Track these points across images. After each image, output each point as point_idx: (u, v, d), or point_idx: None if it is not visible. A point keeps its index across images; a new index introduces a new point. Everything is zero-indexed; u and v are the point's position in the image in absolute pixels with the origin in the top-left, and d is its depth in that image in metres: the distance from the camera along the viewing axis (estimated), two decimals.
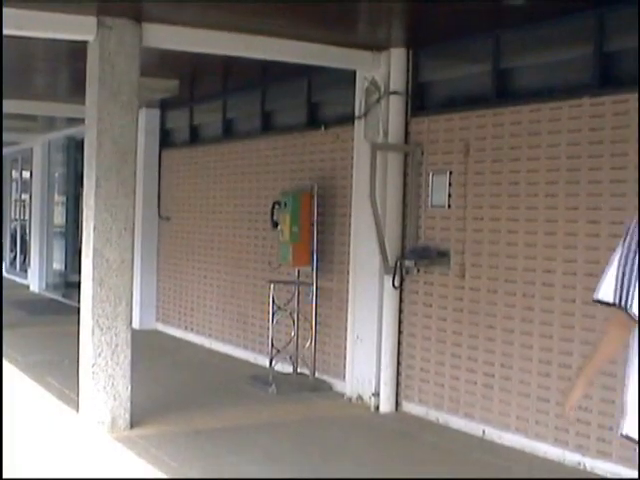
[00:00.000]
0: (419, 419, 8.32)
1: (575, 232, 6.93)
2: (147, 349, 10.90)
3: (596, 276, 6.66)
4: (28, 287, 19.89)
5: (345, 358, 9.20)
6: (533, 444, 7.24)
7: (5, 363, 10.27)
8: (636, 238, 3.68)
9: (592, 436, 6.78)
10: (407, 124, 8.59)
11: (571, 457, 6.91)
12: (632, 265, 3.64)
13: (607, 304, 3.72)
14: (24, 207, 22.58)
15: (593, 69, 6.92)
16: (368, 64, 8.63)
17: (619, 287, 3.66)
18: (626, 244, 3.73)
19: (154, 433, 7.58)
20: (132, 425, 7.65)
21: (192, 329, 12.72)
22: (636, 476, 4.13)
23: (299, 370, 9.90)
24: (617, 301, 3.66)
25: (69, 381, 8.43)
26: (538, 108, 7.29)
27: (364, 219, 8.60)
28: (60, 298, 17.85)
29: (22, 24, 7.23)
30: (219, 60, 9.04)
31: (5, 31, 7.15)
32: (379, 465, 6.90)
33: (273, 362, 9.71)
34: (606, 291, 3.72)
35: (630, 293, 3.61)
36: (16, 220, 23.39)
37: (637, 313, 3.60)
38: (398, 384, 8.64)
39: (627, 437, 3.78)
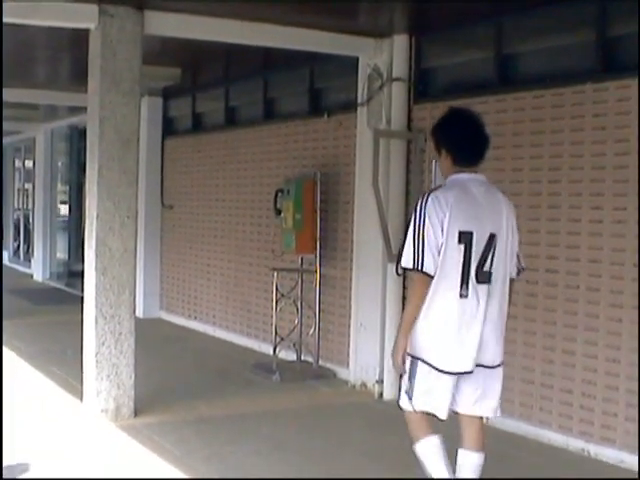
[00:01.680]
0: None
1: (578, 218, 6.91)
2: (151, 338, 10.91)
3: (600, 262, 6.74)
4: (32, 276, 19.89)
5: (349, 345, 9.21)
6: (537, 431, 7.24)
7: (9, 352, 10.30)
8: (421, 215, 4.72)
9: (596, 423, 6.78)
10: (410, 111, 8.58)
11: (575, 444, 6.91)
12: (421, 237, 4.70)
13: (409, 269, 4.79)
14: (27, 196, 22.59)
15: (596, 55, 6.90)
16: (371, 51, 8.61)
17: (415, 255, 4.72)
18: (416, 221, 4.74)
19: (158, 421, 7.59)
20: (136, 413, 7.66)
21: (196, 317, 12.73)
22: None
23: (303, 358, 9.90)
24: (416, 266, 4.72)
25: (73, 370, 8.43)
26: (541, 94, 7.27)
27: (367, 206, 8.58)
28: (64, 287, 17.87)
29: (23, 12, 7.21)
30: (221, 48, 9.02)
31: (6, 19, 7.13)
32: (383, 452, 6.90)
33: (277, 350, 9.72)
34: (407, 260, 4.77)
35: (423, 258, 4.69)
36: (19, 209, 23.39)
37: (430, 272, 4.70)
38: None
39: (412, 355, 4.89)
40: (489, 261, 4.80)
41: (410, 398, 5.05)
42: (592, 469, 6.58)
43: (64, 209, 19.43)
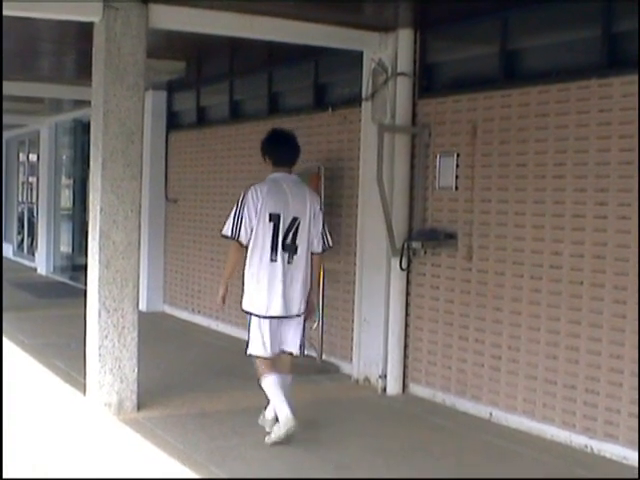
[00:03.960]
0: (426, 401, 8.32)
1: (583, 214, 6.90)
2: (154, 331, 10.91)
3: (604, 258, 6.72)
4: (35, 270, 19.91)
5: (352, 340, 9.20)
6: (540, 426, 7.24)
7: (12, 345, 10.32)
8: (242, 201, 6.74)
9: (599, 419, 6.77)
10: (414, 105, 8.56)
11: (578, 440, 6.91)
12: (240, 217, 6.72)
13: (228, 237, 6.78)
14: (31, 190, 22.59)
15: (601, 50, 6.87)
16: (375, 45, 8.59)
17: (233, 227, 6.74)
18: (238, 204, 6.75)
19: (161, 415, 7.59)
20: (139, 407, 7.66)
21: (199, 311, 12.72)
22: None
23: (306, 352, 9.88)
24: (233, 236, 6.76)
25: (76, 363, 8.45)
26: (546, 89, 7.25)
27: (371, 201, 8.58)
28: (67, 281, 17.88)
29: (28, 5, 7.21)
30: (226, 41, 9.03)
31: (11, 12, 7.13)
32: (386, 447, 6.89)
33: None
34: (227, 230, 6.77)
35: (240, 232, 6.72)
36: (23, 203, 23.40)
37: (243, 242, 6.75)
38: (405, 366, 8.64)
39: (244, 311, 6.96)
40: (292, 236, 6.80)
41: (248, 346, 6.93)
42: (595, 465, 6.57)
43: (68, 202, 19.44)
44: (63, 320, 12.25)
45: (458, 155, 8.07)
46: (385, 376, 8.61)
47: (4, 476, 5.68)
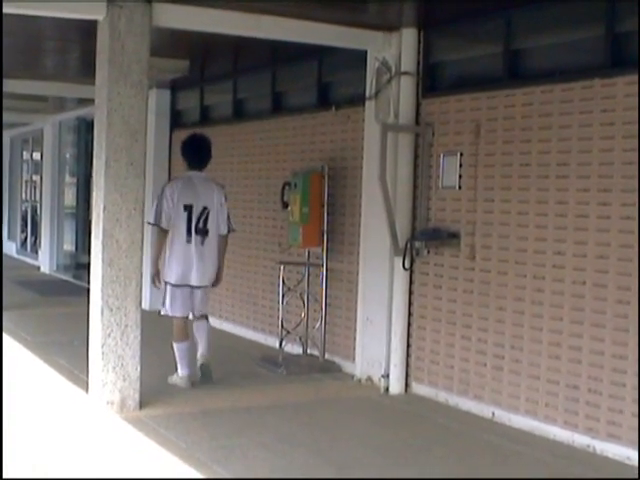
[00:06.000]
0: (429, 401, 8.32)
1: (586, 214, 6.89)
2: (156, 330, 10.88)
3: (607, 258, 6.72)
4: (39, 268, 19.91)
5: (355, 339, 9.20)
6: (543, 426, 7.23)
7: (15, 343, 10.34)
8: (162, 194, 8.33)
9: (602, 419, 6.76)
10: (418, 105, 8.55)
11: (580, 440, 6.90)
12: (161, 207, 8.31)
13: (151, 224, 8.31)
14: (35, 188, 22.60)
15: (605, 50, 6.87)
16: (379, 44, 8.59)
17: (155, 215, 8.33)
18: (159, 197, 8.35)
19: (163, 414, 7.59)
20: (141, 406, 7.67)
21: None
22: None
23: (309, 351, 9.90)
24: (155, 222, 8.36)
25: (79, 361, 8.45)
26: (550, 89, 7.25)
27: (374, 200, 8.57)
28: (71, 279, 17.89)
29: (32, 3, 7.21)
30: (230, 40, 9.00)
31: (15, 10, 7.14)
32: (388, 447, 6.90)
33: (283, 343, 9.71)
34: (150, 218, 8.25)
35: (161, 219, 8.32)
36: (27, 201, 23.41)
37: (165, 227, 8.33)
38: (408, 366, 8.63)
39: (165, 281, 8.54)
40: (203, 222, 8.40)
41: (164, 306, 8.58)
42: (597, 465, 6.57)
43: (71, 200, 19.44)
44: (66, 318, 12.25)
45: (461, 154, 8.07)
46: (388, 375, 8.61)
47: (4, 476, 5.68)
